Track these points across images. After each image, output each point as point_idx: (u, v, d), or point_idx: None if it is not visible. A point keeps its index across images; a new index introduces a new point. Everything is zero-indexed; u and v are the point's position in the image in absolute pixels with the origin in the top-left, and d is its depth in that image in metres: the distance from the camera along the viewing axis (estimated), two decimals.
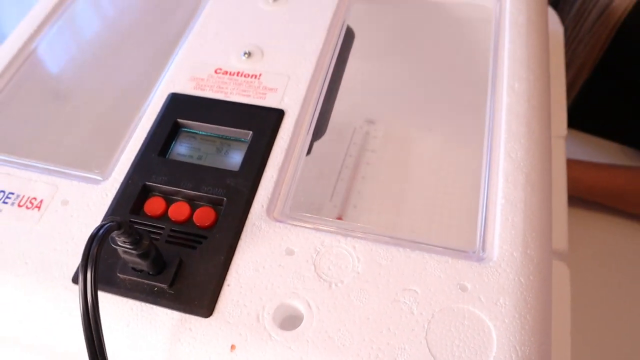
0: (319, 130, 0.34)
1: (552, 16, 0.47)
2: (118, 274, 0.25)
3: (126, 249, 0.23)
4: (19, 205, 0.29)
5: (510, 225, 0.26)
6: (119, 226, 0.22)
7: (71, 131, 0.34)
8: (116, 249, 0.24)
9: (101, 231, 0.21)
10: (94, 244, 0.21)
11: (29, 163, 0.30)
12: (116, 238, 0.23)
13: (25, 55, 0.36)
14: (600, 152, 0.63)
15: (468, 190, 0.30)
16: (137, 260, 0.24)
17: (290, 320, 0.24)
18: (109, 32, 0.39)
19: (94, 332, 0.21)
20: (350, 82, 0.38)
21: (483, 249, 0.26)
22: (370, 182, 0.41)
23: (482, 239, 0.26)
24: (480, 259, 0.25)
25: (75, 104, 0.36)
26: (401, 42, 0.42)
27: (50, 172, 0.30)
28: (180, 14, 0.38)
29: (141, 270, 0.25)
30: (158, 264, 0.25)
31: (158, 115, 0.31)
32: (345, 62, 0.37)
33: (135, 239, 0.23)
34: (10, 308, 0.26)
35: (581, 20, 0.54)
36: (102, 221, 0.24)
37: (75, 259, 0.27)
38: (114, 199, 0.28)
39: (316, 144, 0.33)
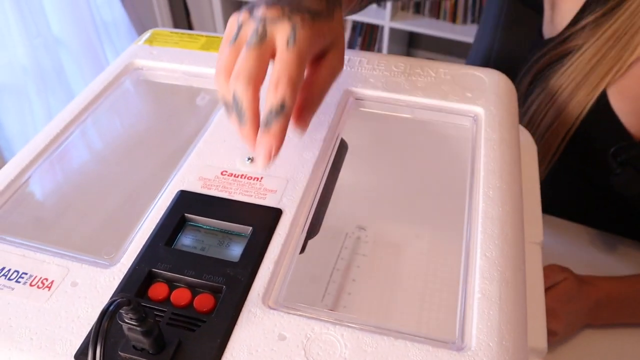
0: (313, 229, 0.37)
1: (527, 135, 0.52)
2: (119, 352, 0.27)
3: (131, 326, 0.25)
4: (31, 285, 0.31)
5: (487, 317, 0.28)
6: (128, 302, 0.24)
7: (85, 220, 0.37)
8: (119, 329, 0.25)
9: (112, 307, 0.23)
10: (105, 317, 0.23)
11: (44, 247, 0.33)
12: (123, 315, 0.25)
13: (52, 150, 0.39)
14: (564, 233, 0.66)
15: (449, 287, 0.32)
16: (140, 337, 0.26)
17: None
18: (128, 135, 0.43)
19: None
20: (344, 190, 0.42)
21: (462, 339, 0.28)
22: (360, 284, 0.43)
23: (461, 329, 0.28)
24: (459, 349, 0.27)
25: (91, 196, 0.39)
26: (390, 154, 0.46)
27: (63, 256, 0.32)
28: (192, 123, 0.43)
29: (142, 349, 0.27)
30: (159, 343, 0.27)
31: (167, 209, 0.35)
32: (338, 170, 0.41)
33: (141, 317, 0.25)
34: None
35: (533, 127, 0.60)
36: (111, 299, 0.26)
37: (79, 337, 0.28)
38: (121, 282, 0.30)
39: (311, 246, 0.36)
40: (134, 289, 0.30)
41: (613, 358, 0.56)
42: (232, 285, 0.30)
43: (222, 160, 0.38)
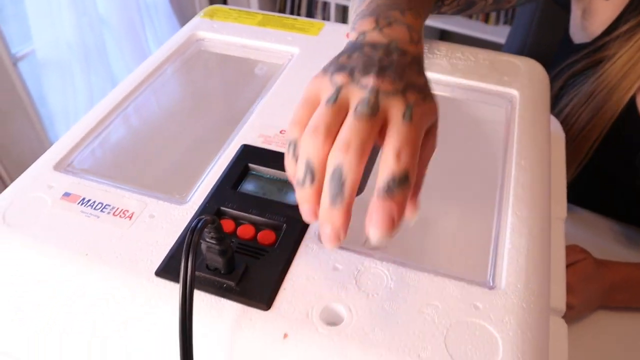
0: (360, 189, 0.41)
1: (556, 123, 0.55)
2: (196, 272, 0.31)
3: (211, 244, 0.29)
4: (114, 215, 0.35)
5: (515, 264, 0.32)
6: (212, 221, 0.28)
7: (158, 165, 0.42)
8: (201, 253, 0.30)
9: (200, 223, 0.28)
10: (195, 232, 0.27)
11: (124, 186, 0.37)
12: (205, 233, 0.29)
13: (126, 104, 0.44)
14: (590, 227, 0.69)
15: (481, 240, 0.36)
16: (216, 257, 0.30)
17: (333, 319, 0.29)
18: (193, 97, 0.48)
19: (187, 304, 0.27)
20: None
21: (493, 280, 0.32)
22: (399, 235, 0.46)
23: (492, 273, 0.32)
24: (490, 287, 0.31)
25: (163, 146, 0.43)
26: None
27: (140, 193, 0.37)
28: (252, 89, 0.47)
29: (215, 269, 0.31)
30: (230, 264, 0.31)
31: (232, 160, 0.39)
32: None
33: (220, 236, 0.29)
34: (99, 295, 0.32)
35: (565, 129, 0.63)
36: (197, 217, 0.30)
37: (158, 259, 0.32)
38: (193, 217, 0.35)
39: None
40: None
41: (627, 341, 0.59)
42: (291, 224, 0.34)
43: (281, 121, 0.42)
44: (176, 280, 0.31)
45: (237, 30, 0.54)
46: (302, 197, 0.29)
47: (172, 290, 0.31)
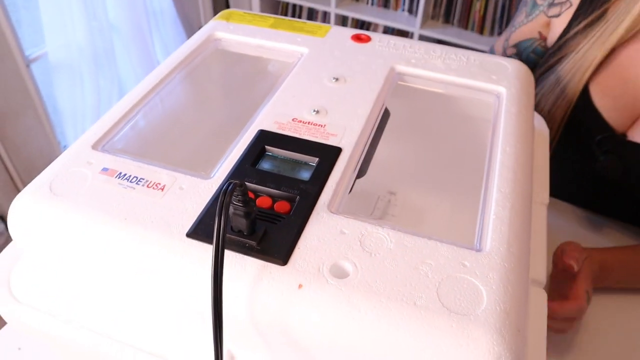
0: (362, 171, 0.46)
1: (540, 120, 0.61)
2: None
3: (237, 207, 0.34)
4: (147, 187, 0.40)
5: (499, 232, 0.37)
6: (240, 185, 0.33)
7: (184, 147, 0.47)
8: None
9: (230, 186, 0.33)
10: (226, 194, 0.32)
11: (154, 163, 0.42)
12: (233, 196, 0.34)
13: (153, 94, 0.49)
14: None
15: (469, 212, 0.41)
16: (241, 219, 0.35)
17: (341, 274, 0.34)
18: (212, 89, 0.53)
19: (220, 257, 0.32)
20: (379, 157, 0.50)
21: (479, 244, 0.36)
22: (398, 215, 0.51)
23: (479, 238, 0.37)
24: (477, 250, 0.36)
25: (187, 131, 0.48)
26: (424, 123, 0.55)
27: (170, 169, 0.41)
28: (266, 83, 0.52)
29: (239, 231, 0.36)
30: (252, 227, 0.36)
31: (250, 142, 0.44)
32: (382, 130, 0.50)
33: (246, 200, 0.34)
34: (137, 255, 0.37)
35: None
36: (227, 182, 0.35)
37: (189, 223, 0.37)
38: (217, 189, 0.40)
39: (348, 204, 0.44)
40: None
41: (619, 319, 0.64)
42: (304, 196, 0.39)
43: (293, 110, 0.47)
44: (204, 240, 0.36)
45: (251, 32, 0.59)
46: None
47: (201, 249, 0.36)
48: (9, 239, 0.43)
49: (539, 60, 0.76)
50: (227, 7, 2.10)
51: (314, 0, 2.04)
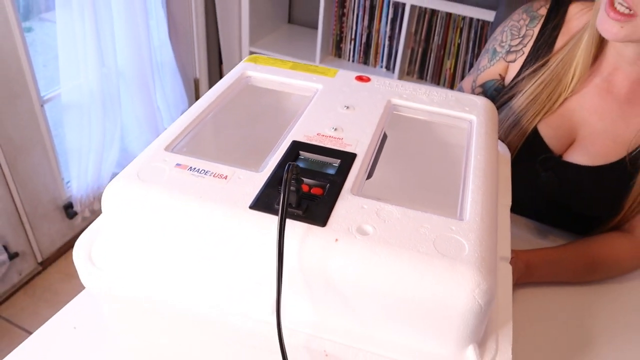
0: (370, 174, 0.60)
1: (504, 147, 0.77)
2: (275, 205, 0.49)
3: (292, 184, 0.48)
4: (214, 176, 0.53)
5: (474, 209, 0.51)
6: (296, 166, 0.47)
7: (237, 153, 0.60)
8: (275, 194, 0.48)
9: (290, 166, 0.46)
10: (290, 170, 0.46)
11: (216, 161, 0.55)
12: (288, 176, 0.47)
13: (208, 112, 0.63)
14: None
15: (452, 199, 0.55)
16: (293, 194, 0.48)
17: (364, 232, 0.48)
18: (251, 114, 0.67)
19: (283, 219, 0.45)
20: (381, 165, 0.65)
21: (461, 215, 0.50)
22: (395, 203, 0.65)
23: (460, 212, 0.51)
24: (459, 219, 0.50)
25: (236, 140, 0.62)
26: (414, 143, 0.70)
27: (229, 165, 0.55)
28: (291, 110, 0.67)
29: (289, 204, 0.49)
30: (299, 201, 0.49)
31: (287, 149, 0.58)
32: (381, 150, 0.65)
33: (298, 178, 0.48)
34: (211, 225, 0.49)
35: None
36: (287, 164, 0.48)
37: (249, 200, 0.50)
38: (267, 179, 0.53)
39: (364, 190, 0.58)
40: (276, 182, 0.52)
41: (549, 309, 0.78)
42: (332, 184, 0.53)
43: (317, 128, 0.61)
44: (264, 211, 0.49)
45: (275, 72, 0.74)
46: None
47: (261, 218, 0.49)
48: (10, 268, 0.54)
49: (498, 94, 0.94)
50: (220, 62, 2.28)
51: (300, 55, 2.24)
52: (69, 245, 1.75)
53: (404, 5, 2.03)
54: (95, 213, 1.76)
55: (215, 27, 2.17)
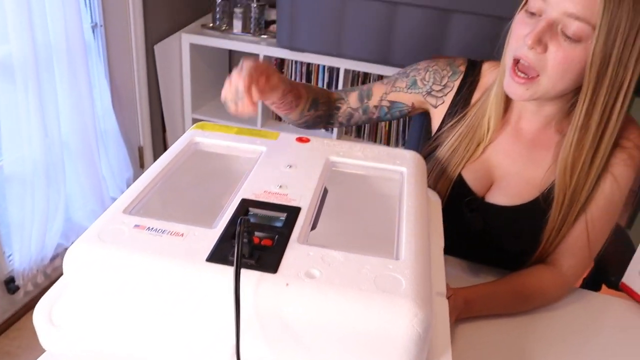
0: (314, 225, 0.66)
1: (434, 194, 0.85)
2: (230, 257, 0.54)
3: (244, 236, 0.53)
4: (171, 235, 0.57)
5: (409, 249, 0.58)
6: (248, 220, 0.52)
7: (191, 211, 0.64)
8: (229, 246, 0.53)
9: (242, 220, 0.51)
10: (242, 223, 0.51)
11: (172, 221, 0.60)
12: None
13: (162, 177, 0.68)
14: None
15: (390, 242, 0.61)
16: (245, 245, 0.53)
17: (312, 276, 0.53)
18: (201, 175, 0.72)
19: (237, 273, 0.50)
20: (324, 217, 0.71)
21: (397, 256, 0.57)
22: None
23: (396, 252, 0.57)
24: (396, 258, 0.56)
25: (190, 199, 0.66)
26: (352, 194, 0.77)
27: (184, 224, 0.59)
28: (239, 171, 0.72)
29: (243, 255, 0.54)
30: (251, 252, 0.54)
31: (237, 206, 0.63)
32: (323, 203, 0.71)
33: (249, 232, 0.53)
34: (168, 280, 0.53)
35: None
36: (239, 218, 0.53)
37: (205, 254, 0.55)
38: (220, 234, 0.58)
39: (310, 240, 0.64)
40: (229, 236, 0.57)
41: (487, 342, 0.84)
42: (280, 235, 0.58)
43: (263, 186, 0.67)
44: (219, 263, 0.53)
45: (221, 137, 0.80)
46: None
47: (217, 269, 0.53)
48: None
49: (399, 117, 1.04)
50: (164, 130, 2.33)
51: (242, 120, 2.32)
52: (9, 323, 1.69)
53: (338, 69, 2.17)
54: (39, 286, 1.71)
55: (157, 95, 2.23)
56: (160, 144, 2.33)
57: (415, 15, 1.87)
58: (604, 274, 1.14)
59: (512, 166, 0.93)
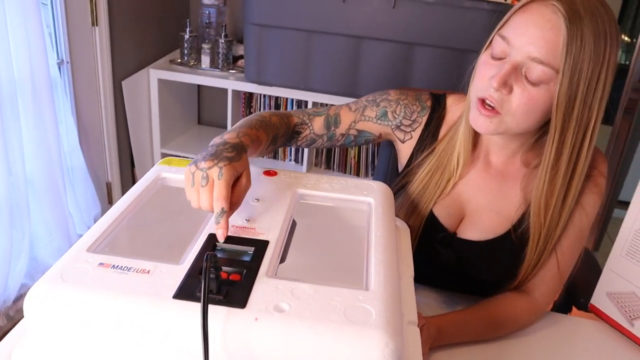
0: (283, 258, 0.66)
1: (402, 223, 0.85)
2: (197, 293, 0.53)
3: (211, 272, 0.52)
4: (137, 272, 0.56)
5: (378, 280, 0.58)
6: (214, 255, 0.51)
7: (157, 248, 0.64)
8: (196, 283, 0.52)
9: (209, 256, 0.51)
10: (209, 259, 0.50)
11: (137, 258, 0.59)
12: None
13: (127, 213, 0.67)
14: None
15: (360, 273, 0.61)
16: (213, 281, 0.52)
17: (281, 309, 0.52)
18: (166, 210, 0.71)
19: (204, 310, 0.49)
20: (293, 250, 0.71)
21: (366, 287, 0.57)
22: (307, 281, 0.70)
23: (366, 283, 0.57)
24: (365, 289, 0.56)
25: (155, 235, 0.66)
26: (319, 225, 0.77)
27: (150, 261, 0.58)
28: None
29: (210, 291, 0.53)
30: (219, 287, 0.53)
31: (204, 241, 0.62)
32: (292, 233, 0.71)
33: (217, 267, 0.52)
34: (134, 317, 0.52)
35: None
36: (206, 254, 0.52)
37: (172, 290, 0.54)
38: (188, 270, 0.57)
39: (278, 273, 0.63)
40: (196, 272, 0.57)
41: None
42: (248, 270, 0.57)
43: (230, 220, 0.67)
44: (187, 299, 0.53)
45: None
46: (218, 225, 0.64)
47: (184, 305, 0.52)
48: None
49: (363, 144, 1.03)
50: (133, 166, 2.30)
51: None
52: None
53: (306, 102, 2.20)
54: (1, 330, 1.65)
55: (126, 131, 2.22)
56: (129, 180, 2.30)
57: (380, 49, 1.92)
58: (573, 296, 1.16)
59: (483, 199, 0.94)
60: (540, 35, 0.75)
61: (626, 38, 2.73)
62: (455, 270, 0.96)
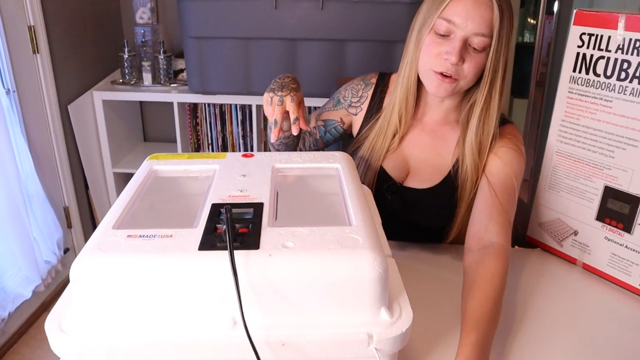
0: (275, 217, 0.78)
1: (365, 187, 1.00)
2: (218, 244, 0.65)
3: (226, 223, 0.64)
4: (161, 237, 0.67)
5: (357, 218, 0.72)
6: (230, 208, 0.64)
7: (170, 218, 0.74)
8: (213, 230, 0.64)
9: (227, 207, 0.63)
10: (228, 211, 0.62)
11: (158, 228, 0.70)
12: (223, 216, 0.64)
13: (137, 195, 0.77)
14: None
15: (340, 215, 0.75)
16: (226, 230, 0.64)
17: (287, 246, 0.65)
18: (168, 193, 0.82)
19: (231, 249, 0.61)
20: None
21: (349, 223, 0.71)
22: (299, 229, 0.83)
23: (349, 221, 0.71)
24: (349, 225, 0.70)
25: (167, 211, 0.76)
26: (294, 191, 0.90)
27: (169, 228, 0.69)
28: (200, 187, 0.84)
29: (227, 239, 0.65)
30: (234, 237, 0.65)
31: (211, 208, 0.74)
32: (277, 202, 0.84)
33: (232, 217, 0.64)
34: (168, 271, 0.63)
35: None
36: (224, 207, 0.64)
37: (196, 245, 0.65)
38: (203, 231, 0.69)
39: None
40: (211, 230, 0.68)
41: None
42: (253, 224, 0.70)
43: (227, 191, 0.79)
44: (209, 249, 0.64)
45: (177, 163, 0.91)
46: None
47: (208, 255, 0.64)
48: None
49: (337, 135, 1.26)
50: (87, 188, 2.33)
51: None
52: None
53: (250, 106, 2.32)
54: None
55: (77, 154, 2.25)
56: (85, 203, 2.33)
57: (313, 48, 2.07)
58: (514, 237, 1.35)
59: (421, 155, 1.13)
60: (480, 14, 0.98)
61: (532, 21, 3.02)
62: (403, 217, 1.12)
